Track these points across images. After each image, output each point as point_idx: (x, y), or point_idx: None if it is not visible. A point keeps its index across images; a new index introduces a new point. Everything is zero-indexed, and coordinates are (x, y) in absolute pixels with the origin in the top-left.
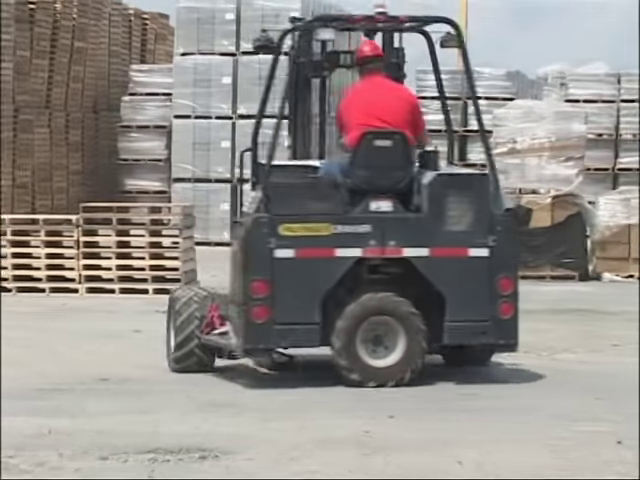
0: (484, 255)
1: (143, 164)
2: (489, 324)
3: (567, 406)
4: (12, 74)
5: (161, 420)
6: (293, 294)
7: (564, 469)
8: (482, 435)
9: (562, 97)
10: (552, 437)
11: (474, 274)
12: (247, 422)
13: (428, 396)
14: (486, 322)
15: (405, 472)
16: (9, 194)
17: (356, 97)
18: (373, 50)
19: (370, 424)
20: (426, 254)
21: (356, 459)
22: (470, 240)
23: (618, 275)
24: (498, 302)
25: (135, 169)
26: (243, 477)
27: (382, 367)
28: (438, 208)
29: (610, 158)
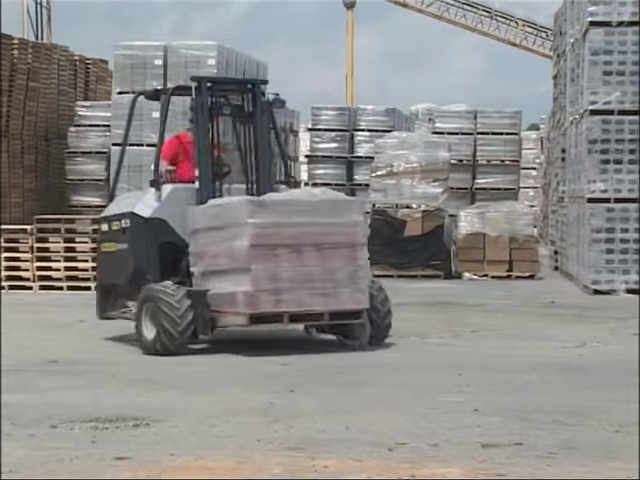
0: None
1: (87, 183)
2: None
3: (433, 380)
4: None
5: (101, 394)
6: None
7: (432, 431)
8: (364, 404)
9: (430, 130)
10: (421, 406)
11: None
12: (172, 395)
13: (319, 373)
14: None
15: (304, 435)
16: None
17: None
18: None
19: (274, 397)
20: None
21: (264, 425)
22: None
23: (475, 274)
24: None
25: (80, 187)
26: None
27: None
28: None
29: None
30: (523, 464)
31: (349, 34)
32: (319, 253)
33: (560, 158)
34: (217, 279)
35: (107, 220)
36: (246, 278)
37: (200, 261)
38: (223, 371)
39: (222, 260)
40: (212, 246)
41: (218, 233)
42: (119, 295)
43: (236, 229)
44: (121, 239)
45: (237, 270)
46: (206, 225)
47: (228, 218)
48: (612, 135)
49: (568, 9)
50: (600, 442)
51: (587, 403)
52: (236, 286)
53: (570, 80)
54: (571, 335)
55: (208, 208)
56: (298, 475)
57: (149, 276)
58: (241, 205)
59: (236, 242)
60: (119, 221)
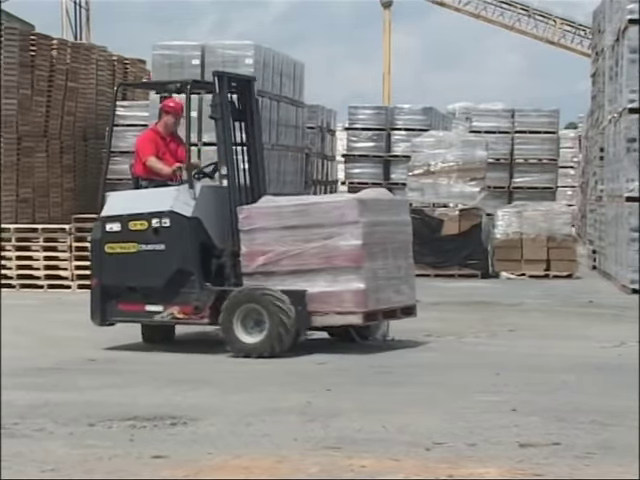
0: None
1: (124, 183)
2: None
3: (471, 380)
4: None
5: (139, 393)
6: None
7: (470, 431)
8: (401, 404)
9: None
10: (459, 406)
11: None
12: (209, 394)
13: (355, 371)
14: None
15: (341, 434)
16: (13, 207)
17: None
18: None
19: (311, 396)
20: None
21: (300, 425)
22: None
23: (513, 274)
24: None
25: (118, 187)
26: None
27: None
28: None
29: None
30: (561, 464)
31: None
32: (392, 251)
33: (598, 157)
34: (300, 278)
35: (118, 219)
36: (355, 277)
37: (265, 261)
38: (260, 370)
39: (311, 259)
40: (290, 245)
41: (303, 232)
42: (125, 299)
43: (339, 228)
44: (151, 239)
45: (340, 269)
46: (277, 224)
47: (326, 217)
48: None
49: (607, 7)
50: (638, 442)
51: (625, 403)
52: (339, 285)
53: (609, 78)
54: (609, 335)
55: (283, 207)
56: (335, 475)
57: (194, 278)
58: (350, 204)
59: (341, 241)
60: (146, 220)
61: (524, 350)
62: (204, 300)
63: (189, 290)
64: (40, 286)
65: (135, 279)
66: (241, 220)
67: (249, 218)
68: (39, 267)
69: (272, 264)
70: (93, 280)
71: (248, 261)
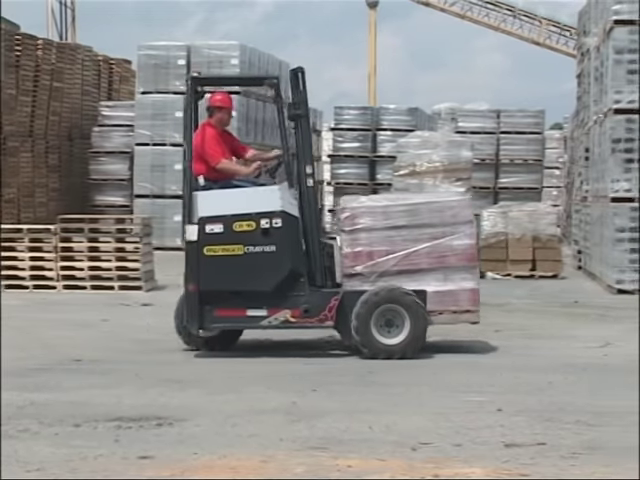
0: None
1: (110, 183)
2: None
3: (456, 380)
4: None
5: (124, 394)
6: None
7: (455, 431)
8: (387, 404)
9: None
10: (444, 406)
11: None
12: (195, 395)
13: (342, 371)
14: None
15: (327, 434)
16: None
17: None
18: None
19: (297, 396)
20: None
21: (286, 425)
22: None
23: (498, 274)
24: None
25: (103, 187)
26: (193, 440)
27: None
28: None
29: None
30: (546, 464)
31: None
32: None
33: (584, 157)
34: (408, 278)
35: (222, 220)
36: (470, 276)
37: (370, 261)
38: (246, 370)
39: (420, 259)
40: (398, 245)
41: (413, 231)
42: (223, 304)
43: (452, 227)
44: (260, 241)
45: (453, 268)
46: (384, 224)
47: (439, 216)
48: (636, 134)
49: (592, 7)
50: (624, 443)
51: (611, 403)
52: (452, 284)
53: (594, 79)
54: (595, 335)
55: (391, 206)
56: (321, 475)
57: (303, 280)
58: (464, 203)
59: (455, 240)
60: (254, 221)
61: (508, 350)
62: (315, 302)
63: (298, 293)
64: (25, 286)
65: (240, 283)
66: (343, 220)
67: (352, 218)
68: (24, 267)
69: (378, 264)
70: (189, 285)
71: (351, 262)
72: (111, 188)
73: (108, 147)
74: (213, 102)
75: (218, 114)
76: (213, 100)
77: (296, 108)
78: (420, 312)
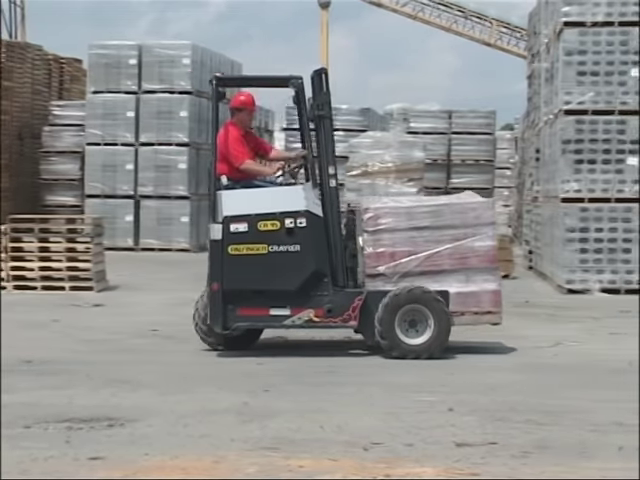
0: None
1: (61, 183)
2: None
3: (408, 380)
4: None
5: (75, 394)
6: None
7: (407, 431)
8: (339, 404)
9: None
10: (396, 406)
11: None
12: (146, 395)
13: (294, 371)
14: None
15: (279, 434)
16: None
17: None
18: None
19: (249, 396)
20: None
21: (238, 425)
22: None
23: None
24: None
25: (54, 187)
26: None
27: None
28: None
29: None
30: (497, 463)
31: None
32: None
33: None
34: (431, 279)
35: (246, 219)
36: (492, 277)
37: (393, 262)
38: (198, 370)
39: (443, 260)
40: (421, 246)
41: (435, 233)
42: (246, 303)
43: (475, 229)
44: (284, 240)
45: (475, 270)
46: (407, 225)
47: (461, 218)
48: (586, 135)
49: (542, 9)
50: (575, 442)
51: (562, 403)
52: (474, 285)
53: (544, 80)
54: (545, 335)
55: (414, 207)
56: (273, 475)
57: (327, 280)
58: (486, 205)
59: (477, 242)
60: (278, 220)
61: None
62: (338, 302)
63: (322, 293)
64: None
65: (264, 282)
66: (366, 221)
67: (375, 219)
68: None
69: (400, 265)
70: (212, 284)
71: (373, 262)
72: (62, 188)
73: (59, 147)
74: (234, 103)
75: (239, 114)
76: (235, 101)
77: (319, 109)
78: (443, 310)
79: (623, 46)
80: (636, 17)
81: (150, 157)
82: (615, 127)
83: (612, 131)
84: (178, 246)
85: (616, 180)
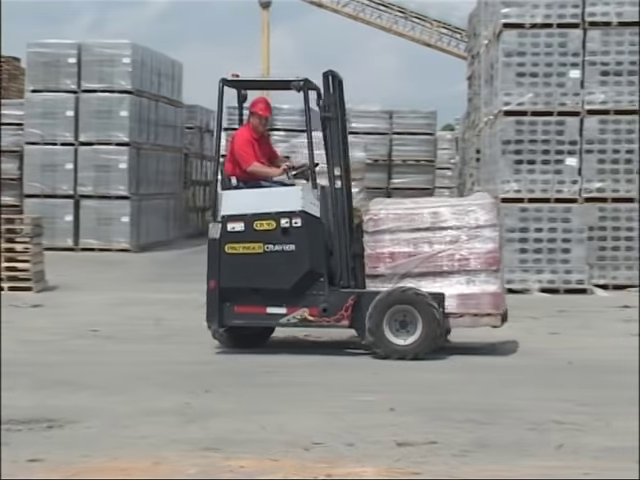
0: None
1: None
2: None
3: (349, 380)
4: None
5: (14, 396)
6: None
7: (348, 431)
8: (280, 405)
9: None
10: (337, 406)
11: None
12: (86, 396)
13: (235, 372)
14: None
15: (220, 435)
16: None
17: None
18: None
19: (190, 397)
20: None
21: (179, 426)
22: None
23: None
24: None
25: None
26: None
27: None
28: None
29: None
30: (438, 462)
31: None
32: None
33: (475, 158)
34: (431, 281)
35: (241, 219)
36: (493, 279)
37: (393, 263)
38: (139, 371)
39: (443, 261)
40: (421, 247)
41: (436, 234)
42: (244, 301)
43: (476, 231)
44: (279, 240)
45: (476, 271)
46: (407, 226)
47: (462, 219)
48: (525, 136)
49: (482, 11)
50: (514, 440)
51: (501, 401)
52: (475, 287)
53: (484, 81)
54: (485, 334)
55: (414, 209)
56: (214, 475)
57: (323, 280)
58: (488, 207)
59: (478, 243)
60: (274, 220)
61: None
62: (333, 302)
63: (317, 292)
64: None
65: (259, 280)
66: (366, 222)
67: (375, 220)
68: None
69: (401, 266)
70: (210, 282)
71: (374, 263)
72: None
73: None
74: (250, 107)
75: (253, 119)
76: (251, 105)
77: (326, 111)
78: (432, 313)
79: (562, 48)
80: (574, 19)
81: (90, 157)
82: (554, 128)
83: (551, 132)
84: (118, 246)
85: (555, 180)
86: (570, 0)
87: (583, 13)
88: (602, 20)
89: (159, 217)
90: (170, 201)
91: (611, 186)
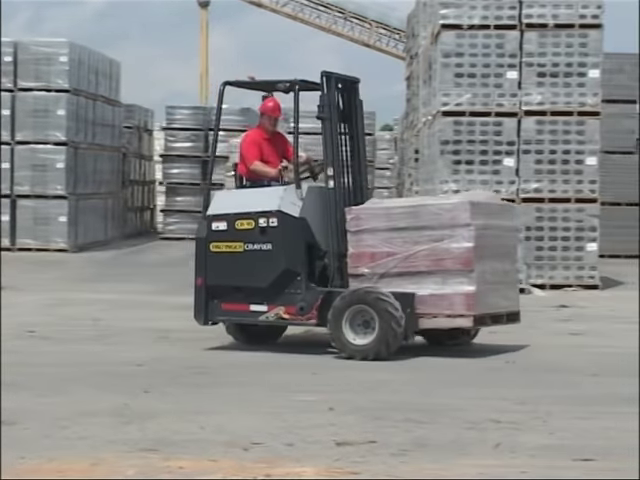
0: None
1: None
2: None
3: (288, 380)
4: None
5: None
6: None
7: (287, 431)
8: (219, 405)
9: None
10: (276, 406)
11: None
12: (22, 397)
13: (174, 372)
14: None
15: (158, 436)
16: None
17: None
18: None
19: (128, 397)
20: None
21: (117, 427)
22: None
23: None
24: None
25: None
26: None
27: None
28: None
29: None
30: (376, 462)
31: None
32: (500, 256)
33: (413, 159)
34: (408, 281)
35: (224, 218)
36: (466, 280)
37: (372, 262)
38: (77, 372)
39: (420, 261)
40: (399, 247)
41: (412, 234)
42: (229, 298)
43: (451, 230)
44: (257, 239)
45: (450, 272)
46: (386, 226)
47: (437, 219)
48: (464, 136)
49: (420, 12)
50: (452, 439)
51: (440, 401)
52: (449, 288)
53: (423, 82)
54: None
55: (392, 208)
56: (152, 476)
57: (300, 278)
58: (462, 207)
59: (452, 243)
60: (253, 220)
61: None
62: (310, 301)
63: (295, 291)
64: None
65: (240, 279)
66: (349, 221)
67: (357, 219)
68: None
69: (380, 266)
70: (197, 279)
71: (355, 262)
72: None
73: None
74: (260, 108)
75: (262, 120)
76: (260, 106)
77: (320, 111)
78: (389, 314)
79: (499, 49)
80: (511, 21)
81: (27, 156)
82: (492, 128)
83: (489, 132)
84: (56, 246)
85: (493, 181)
86: (507, 2)
87: (520, 15)
88: (539, 22)
89: (97, 217)
90: (108, 201)
91: (548, 186)
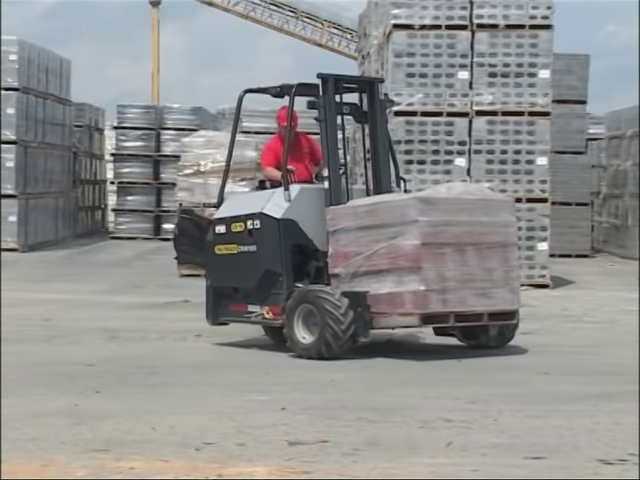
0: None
1: None
2: None
3: (240, 380)
4: None
5: None
6: None
7: (239, 431)
8: (170, 405)
9: None
10: (228, 406)
11: None
12: None
13: (125, 372)
14: None
15: (109, 436)
16: None
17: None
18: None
19: (79, 398)
20: None
21: (68, 428)
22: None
23: None
24: None
25: None
26: None
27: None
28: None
29: None
30: (329, 461)
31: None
32: (478, 253)
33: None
34: (372, 279)
35: (224, 221)
36: (416, 277)
37: (345, 262)
38: (26, 372)
39: (380, 260)
40: (364, 246)
41: (374, 232)
42: (233, 299)
43: (402, 227)
44: (246, 241)
45: (403, 269)
46: (354, 225)
47: (391, 216)
48: (415, 136)
49: (372, 11)
50: (404, 438)
51: (391, 400)
52: (402, 286)
53: None
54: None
55: (358, 207)
56: (103, 477)
57: (282, 279)
58: (410, 203)
59: (403, 241)
60: (243, 222)
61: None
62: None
63: (277, 291)
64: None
65: (236, 280)
66: (328, 221)
67: (334, 219)
68: None
69: (350, 265)
70: (207, 280)
71: (333, 262)
72: None
73: None
74: (276, 117)
75: (279, 128)
76: (276, 115)
77: (318, 112)
78: (327, 312)
79: (450, 49)
80: (462, 21)
81: None
82: (443, 128)
83: (441, 132)
84: (6, 246)
85: (445, 180)
86: (458, 2)
87: (471, 15)
88: (489, 22)
89: (48, 216)
90: (59, 200)
91: (499, 186)
